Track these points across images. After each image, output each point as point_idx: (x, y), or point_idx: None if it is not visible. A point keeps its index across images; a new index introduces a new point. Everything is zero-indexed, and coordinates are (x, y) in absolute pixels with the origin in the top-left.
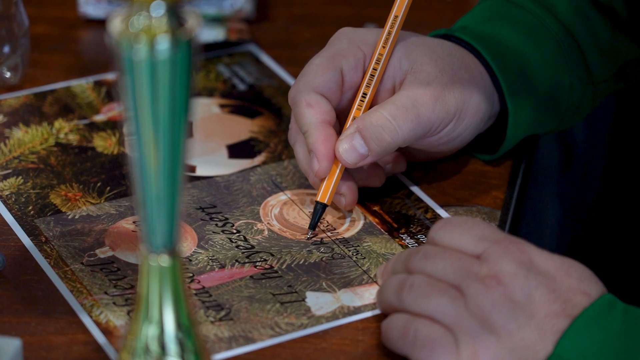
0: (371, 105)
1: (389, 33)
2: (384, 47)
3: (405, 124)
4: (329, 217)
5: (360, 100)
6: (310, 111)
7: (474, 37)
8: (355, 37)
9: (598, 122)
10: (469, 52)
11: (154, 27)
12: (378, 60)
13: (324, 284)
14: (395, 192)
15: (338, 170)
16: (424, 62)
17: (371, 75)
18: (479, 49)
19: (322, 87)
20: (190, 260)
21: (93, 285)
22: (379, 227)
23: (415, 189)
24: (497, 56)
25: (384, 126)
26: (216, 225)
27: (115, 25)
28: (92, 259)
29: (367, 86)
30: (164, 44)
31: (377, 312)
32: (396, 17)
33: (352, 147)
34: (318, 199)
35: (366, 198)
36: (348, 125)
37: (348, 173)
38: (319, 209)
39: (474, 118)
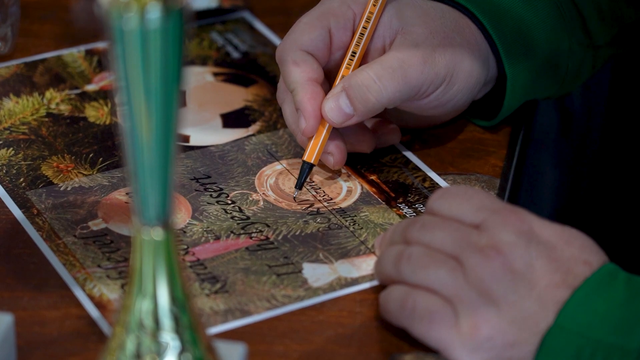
0: (361, 64)
1: None
2: (374, 5)
3: (391, 84)
4: (325, 187)
5: (350, 59)
6: (296, 69)
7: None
8: None
9: (596, 88)
10: (464, 16)
11: None
12: (368, 19)
13: (320, 255)
14: (393, 160)
15: (325, 130)
16: (415, 24)
17: (361, 34)
18: (475, 12)
19: (309, 45)
20: (185, 232)
21: (86, 258)
22: (376, 196)
23: (413, 157)
24: (494, 19)
25: (368, 86)
26: (210, 195)
27: None
28: (85, 231)
29: (357, 45)
30: (154, 13)
31: (375, 283)
32: None
33: (337, 106)
34: (304, 158)
35: (363, 167)
36: (336, 83)
37: (337, 132)
38: (306, 169)
39: (466, 83)
